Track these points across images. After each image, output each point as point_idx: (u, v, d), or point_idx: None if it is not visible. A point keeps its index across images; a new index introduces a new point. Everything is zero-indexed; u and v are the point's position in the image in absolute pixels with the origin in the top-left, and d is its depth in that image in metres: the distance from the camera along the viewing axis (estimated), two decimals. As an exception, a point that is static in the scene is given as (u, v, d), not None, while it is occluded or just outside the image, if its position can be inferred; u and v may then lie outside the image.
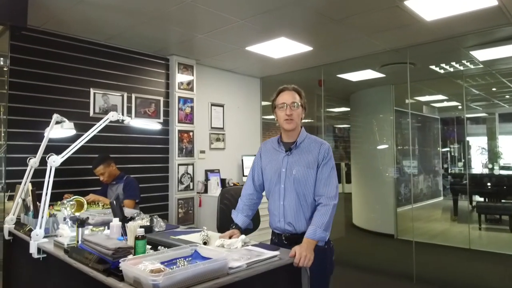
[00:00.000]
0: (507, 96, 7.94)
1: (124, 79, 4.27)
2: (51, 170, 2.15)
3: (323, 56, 4.75)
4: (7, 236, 2.51)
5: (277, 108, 2.13)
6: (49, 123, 2.66)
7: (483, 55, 4.68)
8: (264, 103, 6.03)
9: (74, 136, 2.66)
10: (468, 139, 9.73)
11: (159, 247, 1.84)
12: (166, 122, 4.64)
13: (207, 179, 4.85)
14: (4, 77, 3.08)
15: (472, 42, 4.23)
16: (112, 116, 2.34)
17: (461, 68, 5.33)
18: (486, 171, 8.66)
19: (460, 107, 8.61)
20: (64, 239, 1.97)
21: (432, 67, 5.29)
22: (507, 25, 3.61)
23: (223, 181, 4.96)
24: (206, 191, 4.78)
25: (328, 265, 2.07)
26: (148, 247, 1.85)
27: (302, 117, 2.16)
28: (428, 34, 3.87)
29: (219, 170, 5.04)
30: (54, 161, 2.16)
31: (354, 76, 5.86)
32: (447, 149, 10.53)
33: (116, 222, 1.84)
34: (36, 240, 2.08)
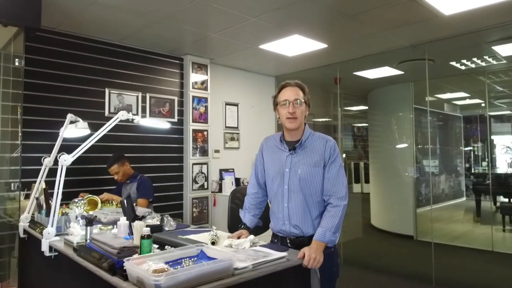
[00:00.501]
0: (533, 93, 7.62)
1: (138, 79, 4.31)
2: (62, 169, 2.17)
3: (338, 53, 4.67)
4: (22, 234, 2.56)
5: (279, 105, 2.03)
6: (64, 123, 2.70)
7: (506, 50, 4.49)
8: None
9: (89, 135, 2.68)
10: (492, 137, 9.40)
11: (166, 247, 1.83)
12: (180, 122, 4.65)
13: (221, 179, 4.84)
14: (20, 77, 3.14)
15: (494, 37, 4.06)
16: (122, 115, 2.35)
17: (483, 64, 5.14)
18: (511, 171, 8.34)
19: (483, 105, 8.33)
20: (74, 238, 1.98)
21: (453, 63, 5.12)
22: (531, 18, 3.46)
23: (237, 180, 4.94)
24: (220, 190, 4.78)
25: (335, 268, 2.00)
26: (155, 246, 1.85)
27: (306, 114, 2.06)
28: (447, 28, 3.74)
29: (233, 169, 5.03)
30: (65, 160, 2.18)
31: (371, 74, 5.73)
32: (470, 148, 10.21)
33: (123, 221, 1.84)
34: (48, 238, 2.10)
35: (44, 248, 2.09)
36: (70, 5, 3.15)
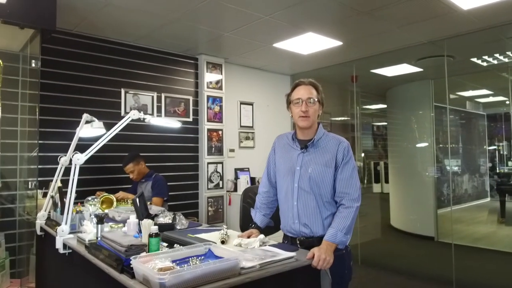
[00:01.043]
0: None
1: (154, 79, 4.36)
2: (75, 168, 2.21)
3: (354, 50, 4.60)
4: (39, 232, 2.62)
5: (292, 103, 2.02)
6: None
7: (530, 44, 4.33)
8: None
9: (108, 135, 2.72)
10: (517, 136, 9.07)
11: (175, 245, 1.83)
12: (195, 121, 4.68)
13: (236, 178, 4.84)
14: (37, 78, 3.21)
15: (517, 31, 3.92)
16: (133, 114, 2.38)
17: (506, 60, 4.96)
18: (537, 170, 8.05)
19: (507, 102, 8.05)
20: (86, 235, 2.00)
21: (473, 60, 4.96)
22: (556, 10, 3.31)
23: (252, 179, 4.93)
24: (235, 189, 4.78)
25: (346, 270, 1.96)
26: (165, 244, 1.86)
27: (319, 113, 2.03)
28: (466, 24, 3.62)
29: (248, 168, 5.02)
30: (79, 159, 2.22)
31: (389, 71, 5.62)
32: (494, 147, 9.89)
33: (132, 220, 1.86)
34: (62, 236, 2.14)
35: (58, 245, 2.13)
36: (85, 7, 3.21)
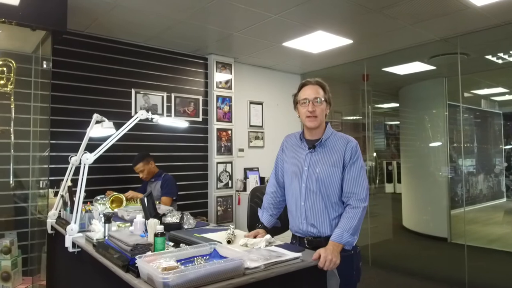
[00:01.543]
0: None
1: (164, 79, 4.38)
2: (84, 167, 2.23)
3: (365, 49, 4.54)
4: (49, 230, 2.66)
5: (299, 104, 2.01)
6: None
7: (547, 41, 4.22)
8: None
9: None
10: (535, 135, 8.86)
11: (181, 245, 1.83)
12: (205, 121, 4.69)
13: (246, 177, 4.84)
14: (48, 79, 3.27)
15: (533, 27, 3.82)
16: (141, 114, 2.39)
17: (522, 57, 4.85)
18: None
19: (525, 100, 7.88)
20: (94, 234, 2.02)
21: (488, 57, 4.86)
22: None
23: (262, 179, 4.92)
24: (245, 189, 4.78)
25: (355, 271, 1.93)
26: (171, 244, 1.86)
27: (326, 113, 2.02)
28: (480, 20, 3.54)
29: (258, 168, 5.01)
30: (87, 158, 2.24)
31: (401, 70, 5.55)
32: (511, 146, 9.67)
33: (139, 219, 1.87)
34: (71, 235, 2.17)
35: (68, 244, 2.15)
36: (95, 8, 3.24)
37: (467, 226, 6.27)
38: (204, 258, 1.60)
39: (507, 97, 8.18)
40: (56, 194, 3.16)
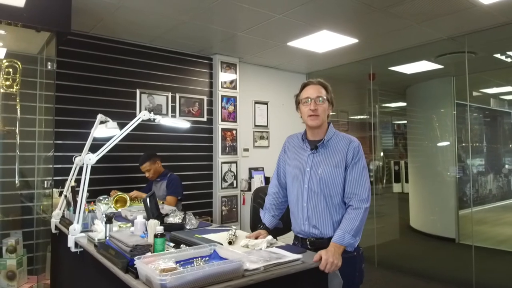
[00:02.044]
0: None
1: (168, 79, 4.39)
2: (87, 168, 2.24)
3: (371, 48, 4.50)
4: (53, 230, 2.67)
5: (301, 103, 2.00)
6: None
7: (557, 39, 4.14)
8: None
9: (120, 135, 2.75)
10: (546, 134, 8.71)
11: (181, 246, 1.83)
12: (210, 121, 4.69)
13: (251, 177, 4.83)
14: (53, 80, 3.29)
15: (543, 25, 3.75)
16: (144, 115, 2.39)
17: (531, 55, 4.77)
18: None
19: (535, 99, 7.75)
20: (96, 234, 2.03)
21: (497, 56, 4.79)
22: None
23: (267, 179, 4.91)
24: (250, 189, 4.76)
25: (357, 273, 1.91)
26: (171, 245, 1.86)
27: (328, 113, 2.01)
28: (487, 18, 3.49)
29: (263, 168, 5.00)
30: (90, 159, 2.24)
31: (408, 69, 5.49)
32: (521, 145, 9.52)
33: (140, 219, 1.87)
34: (74, 235, 2.17)
35: (70, 244, 2.16)
36: (99, 9, 3.26)
37: (476, 227, 6.19)
38: (204, 259, 1.59)
39: (517, 96, 8.05)
40: (61, 194, 3.19)
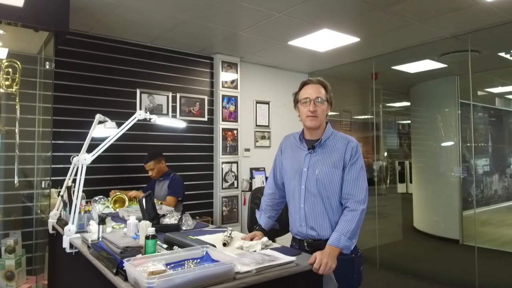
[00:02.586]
0: None
1: (169, 79, 4.37)
2: (82, 168, 2.23)
3: (373, 47, 4.45)
4: (51, 230, 2.67)
5: (299, 103, 1.97)
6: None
7: None
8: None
9: (120, 135, 2.73)
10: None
11: (174, 247, 1.81)
12: (210, 121, 4.67)
13: (252, 177, 4.81)
14: (55, 80, 3.29)
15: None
16: (139, 115, 2.37)
17: (537, 54, 4.69)
18: None
19: (541, 99, 7.65)
20: (90, 235, 2.01)
21: (501, 55, 4.72)
22: None
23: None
24: (251, 189, 4.73)
25: (355, 275, 1.88)
26: (164, 246, 1.84)
27: (327, 113, 1.98)
28: (491, 16, 3.43)
29: (264, 168, 4.97)
30: (85, 159, 2.23)
31: (411, 68, 5.44)
32: (527, 145, 9.39)
33: (132, 220, 1.85)
34: (69, 235, 2.16)
35: (65, 244, 2.14)
36: (99, 8, 3.25)
37: (481, 228, 6.12)
38: (195, 261, 1.57)
39: (523, 95, 7.96)
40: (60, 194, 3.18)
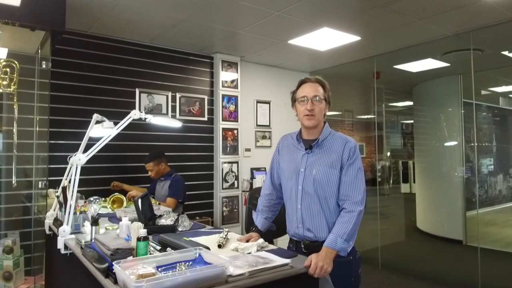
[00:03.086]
0: None
1: (168, 78, 4.35)
2: (77, 168, 2.20)
3: (374, 45, 4.40)
4: (47, 231, 2.65)
5: (297, 101, 1.94)
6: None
7: None
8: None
9: (119, 135, 2.70)
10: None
11: (167, 249, 1.78)
12: (210, 121, 4.64)
13: (252, 177, 4.77)
14: (53, 80, 3.27)
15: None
16: (134, 114, 2.35)
17: (541, 52, 4.62)
18: None
19: (546, 98, 7.56)
20: (84, 237, 1.99)
21: (505, 53, 4.65)
22: None
23: (269, 179, 4.84)
24: (251, 189, 4.70)
25: (353, 278, 1.84)
26: (157, 248, 1.81)
27: (325, 112, 1.94)
28: (493, 14, 3.37)
29: (265, 168, 4.94)
30: (80, 159, 2.21)
31: (413, 67, 5.38)
32: (532, 145, 9.29)
33: (125, 222, 1.82)
34: (63, 236, 2.13)
35: (60, 245, 2.12)
36: (96, 8, 3.23)
37: (485, 228, 6.05)
38: (187, 264, 1.54)
39: (528, 94, 7.87)
40: (57, 194, 3.16)
